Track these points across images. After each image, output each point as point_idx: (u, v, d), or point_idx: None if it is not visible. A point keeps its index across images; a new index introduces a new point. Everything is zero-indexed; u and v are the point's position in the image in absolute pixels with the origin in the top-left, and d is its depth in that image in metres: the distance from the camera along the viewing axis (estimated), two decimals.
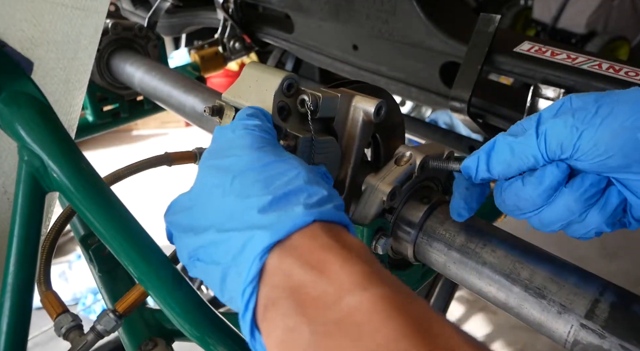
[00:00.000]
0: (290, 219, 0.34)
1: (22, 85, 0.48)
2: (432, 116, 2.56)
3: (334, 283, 0.31)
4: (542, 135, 0.43)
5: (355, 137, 0.54)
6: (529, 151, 0.43)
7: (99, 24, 0.56)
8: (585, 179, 0.43)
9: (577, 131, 0.41)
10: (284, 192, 0.36)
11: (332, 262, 0.32)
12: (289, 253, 0.33)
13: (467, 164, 0.47)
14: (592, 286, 0.43)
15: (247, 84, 0.50)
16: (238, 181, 0.37)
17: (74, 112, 0.59)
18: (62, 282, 2.30)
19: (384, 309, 0.28)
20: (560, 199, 0.43)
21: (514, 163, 0.44)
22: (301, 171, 0.38)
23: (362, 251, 0.34)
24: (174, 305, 0.42)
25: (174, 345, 0.68)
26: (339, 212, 0.37)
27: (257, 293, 0.33)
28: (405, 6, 0.86)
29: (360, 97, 0.53)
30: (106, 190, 0.46)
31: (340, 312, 0.29)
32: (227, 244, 0.35)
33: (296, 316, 0.31)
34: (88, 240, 0.75)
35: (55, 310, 0.50)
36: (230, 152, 0.40)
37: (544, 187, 0.43)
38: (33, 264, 0.45)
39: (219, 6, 1.22)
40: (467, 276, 0.49)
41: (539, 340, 1.94)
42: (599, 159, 0.40)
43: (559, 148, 0.42)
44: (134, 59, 0.97)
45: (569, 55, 0.73)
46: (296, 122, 0.51)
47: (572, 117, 0.41)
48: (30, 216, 0.45)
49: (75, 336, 0.47)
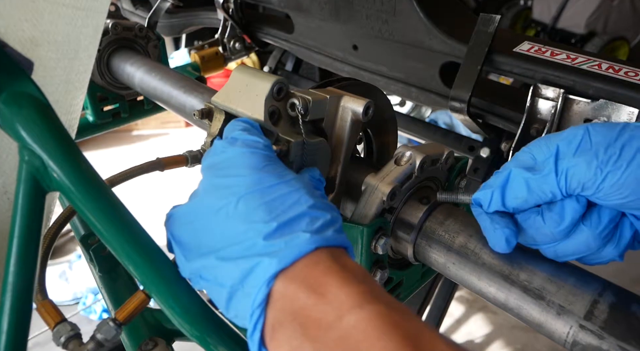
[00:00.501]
0: (295, 247, 0.36)
1: (22, 85, 0.48)
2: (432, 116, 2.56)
3: (334, 304, 0.33)
4: (562, 173, 0.42)
5: (344, 136, 0.55)
6: (547, 188, 0.43)
7: (99, 24, 0.56)
8: (603, 216, 0.43)
9: (602, 173, 0.40)
10: (288, 218, 0.38)
11: (331, 284, 0.34)
12: (294, 279, 0.35)
13: (480, 197, 0.47)
14: (591, 287, 0.43)
15: (237, 89, 0.51)
16: (242, 204, 0.39)
17: (74, 112, 0.59)
18: (63, 282, 2.30)
19: (379, 326, 0.31)
20: (579, 235, 0.43)
21: (531, 199, 0.44)
22: (303, 194, 0.40)
23: (360, 273, 0.37)
24: (174, 304, 0.42)
25: (174, 344, 0.68)
26: (340, 235, 0.39)
27: (265, 316, 0.35)
28: (405, 6, 0.86)
29: (348, 98, 0.54)
30: (106, 190, 0.46)
31: (340, 331, 0.32)
32: (233, 269, 0.37)
33: (300, 337, 0.33)
34: (88, 240, 0.75)
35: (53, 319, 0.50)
36: (233, 171, 0.42)
37: (565, 224, 0.43)
38: (33, 264, 0.45)
39: (219, 6, 1.22)
40: (467, 276, 0.49)
41: (539, 340, 1.94)
42: (619, 199, 0.40)
43: (580, 187, 0.42)
44: (134, 59, 0.97)
45: (569, 55, 0.73)
46: (287, 125, 0.52)
47: (595, 158, 0.41)
48: (31, 216, 0.45)
49: (75, 346, 0.47)
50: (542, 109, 0.72)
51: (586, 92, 0.68)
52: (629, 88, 0.65)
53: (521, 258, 0.46)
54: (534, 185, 0.44)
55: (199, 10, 1.37)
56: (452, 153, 0.56)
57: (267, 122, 0.49)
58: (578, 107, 0.69)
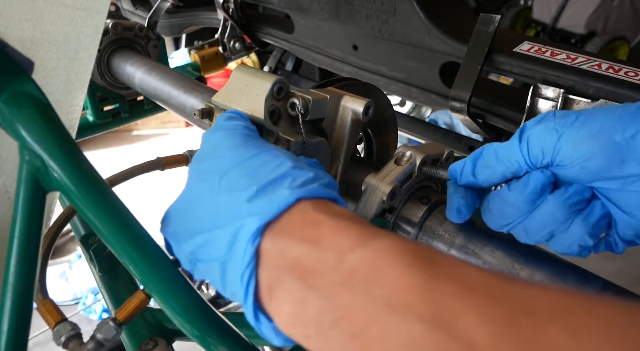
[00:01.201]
0: (276, 201, 0.35)
1: (22, 85, 0.48)
2: (432, 116, 2.56)
3: (331, 249, 0.31)
4: (524, 140, 0.44)
5: (344, 136, 0.55)
6: (512, 156, 0.44)
7: (99, 24, 0.56)
8: (569, 188, 0.43)
9: (557, 133, 0.41)
10: (269, 180, 0.37)
11: (324, 232, 0.33)
12: (281, 233, 0.34)
13: (454, 167, 0.48)
14: (590, 286, 0.43)
15: (237, 88, 0.51)
16: (225, 179, 0.38)
17: (74, 112, 0.59)
18: (63, 282, 2.30)
19: (386, 256, 0.29)
20: (545, 205, 0.44)
21: (498, 168, 0.45)
22: (285, 159, 0.39)
23: (353, 216, 0.35)
24: (175, 304, 0.42)
25: (174, 344, 0.68)
26: (326, 188, 0.38)
27: (258, 277, 0.34)
28: (405, 6, 0.86)
29: (348, 97, 0.54)
30: (107, 190, 0.46)
31: (344, 273, 0.30)
32: (221, 238, 0.36)
33: (301, 288, 0.31)
34: (88, 240, 0.75)
35: (53, 319, 0.50)
36: (215, 153, 0.41)
37: (529, 190, 0.44)
38: (34, 264, 0.45)
39: (219, 6, 1.22)
40: None
41: None
42: (579, 161, 0.41)
43: (541, 152, 0.43)
44: (135, 59, 0.97)
45: (569, 55, 0.73)
46: (287, 125, 0.52)
47: (552, 122, 0.42)
48: (31, 216, 0.45)
49: (75, 346, 0.47)
50: (542, 109, 0.72)
51: (586, 92, 0.68)
52: (629, 88, 0.65)
53: (521, 258, 0.46)
54: (501, 153, 0.45)
55: (199, 10, 1.37)
56: (452, 153, 0.56)
57: (267, 121, 0.49)
58: (578, 107, 0.69)
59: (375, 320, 0.27)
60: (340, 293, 0.29)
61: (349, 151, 0.56)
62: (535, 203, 0.44)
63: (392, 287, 0.27)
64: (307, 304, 0.31)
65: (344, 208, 0.37)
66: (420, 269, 0.28)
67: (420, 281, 0.27)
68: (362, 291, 0.28)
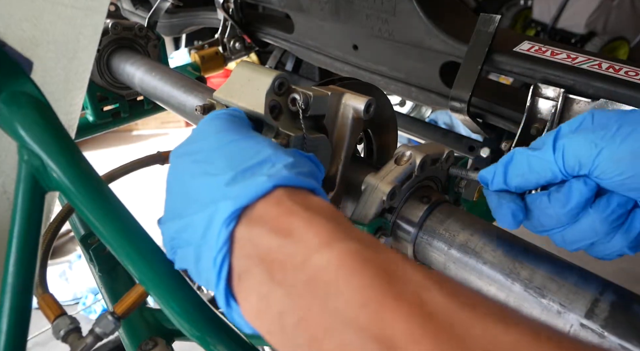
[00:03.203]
0: (252, 187, 0.34)
1: (21, 85, 0.48)
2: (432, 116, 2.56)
3: (300, 245, 0.31)
4: (559, 149, 0.42)
5: (345, 134, 0.55)
6: (546, 166, 0.43)
7: (99, 24, 0.56)
8: (611, 200, 0.42)
9: (597, 147, 0.40)
10: (248, 165, 0.36)
11: (296, 225, 0.32)
12: (256, 221, 0.33)
13: (484, 174, 0.47)
14: (591, 286, 0.43)
15: (238, 84, 0.51)
16: (204, 163, 0.38)
17: (74, 112, 0.59)
18: (63, 282, 2.30)
19: (350, 263, 0.29)
20: (586, 219, 0.43)
21: (532, 177, 0.44)
22: (266, 145, 0.38)
23: (328, 211, 0.34)
24: (174, 304, 0.42)
25: (174, 344, 0.68)
26: (304, 177, 0.37)
27: (231, 264, 0.33)
28: (405, 6, 0.86)
29: (349, 95, 0.54)
30: (106, 190, 0.46)
31: (308, 272, 0.30)
32: (197, 223, 0.35)
33: (268, 282, 0.31)
34: (88, 240, 0.75)
35: (53, 313, 0.51)
36: (198, 137, 0.41)
37: (571, 205, 0.43)
38: (33, 264, 0.45)
39: (219, 6, 1.22)
40: (467, 275, 0.49)
41: None
42: (619, 178, 0.40)
43: (577, 164, 0.41)
44: (134, 59, 0.97)
45: (569, 55, 0.73)
46: (287, 121, 0.52)
47: (592, 133, 0.40)
48: (30, 216, 0.45)
49: (74, 339, 0.47)
50: (542, 109, 0.72)
51: (586, 91, 0.68)
52: (630, 88, 0.65)
53: (522, 256, 0.46)
54: (534, 162, 0.44)
55: (199, 10, 1.37)
56: (452, 153, 0.56)
57: (268, 116, 0.49)
58: (578, 107, 0.69)
59: (331, 333, 0.27)
60: (303, 294, 0.29)
61: (349, 149, 0.56)
62: (576, 217, 0.43)
63: (351, 300, 0.27)
64: (271, 299, 0.31)
65: (322, 200, 0.36)
66: (382, 284, 0.27)
67: (379, 299, 0.26)
68: (323, 297, 0.28)
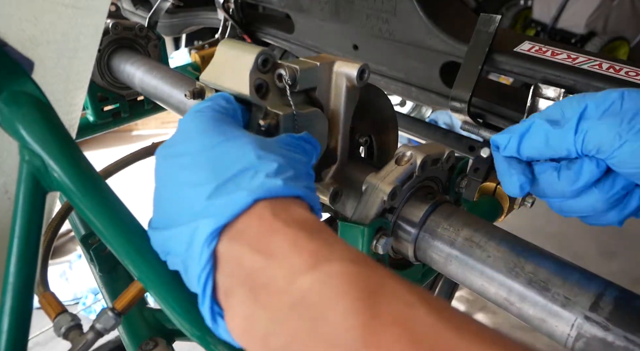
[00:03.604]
0: (232, 203, 0.33)
1: (22, 84, 0.48)
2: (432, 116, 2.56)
3: (284, 266, 0.31)
4: (581, 133, 0.42)
5: (340, 104, 0.52)
6: (564, 145, 0.43)
7: (99, 24, 0.56)
8: (616, 183, 0.43)
9: (620, 139, 0.40)
10: (230, 174, 0.35)
11: (279, 245, 0.32)
12: (238, 238, 0.33)
13: (498, 139, 0.48)
14: (594, 283, 0.43)
15: (222, 64, 0.48)
16: (188, 169, 0.37)
17: (74, 112, 0.59)
18: (63, 282, 2.30)
19: (334, 286, 0.28)
20: (589, 196, 0.44)
21: (546, 152, 0.45)
22: (249, 149, 0.37)
23: (311, 225, 0.34)
24: (175, 304, 0.42)
25: (174, 344, 0.68)
26: (289, 184, 0.36)
27: (216, 280, 0.33)
28: (405, 6, 0.86)
29: (341, 63, 0.51)
30: (107, 190, 0.46)
31: (293, 296, 0.29)
32: (181, 236, 0.35)
33: (252, 303, 0.31)
34: (89, 240, 0.75)
35: (54, 310, 0.51)
36: (182, 137, 0.40)
37: (579, 184, 0.44)
38: (34, 264, 0.45)
39: (219, 6, 1.22)
40: (468, 275, 0.49)
41: (539, 340, 1.93)
42: (635, 168, 0.40)
43: (596, 149, 0.42)
44: (135, 59, 0.97)
45: (569, 55, 0.73)
46: (276, 98, 0.49)
47: (619, 124, 0.40)
48: (31, 216, 0.45)
49: (75, 336, 0.47)
50: (542, 109, 0.72)
51: (587, 91, 0.68)
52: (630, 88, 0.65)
53: (525, 254, 0.46)
54: (552, 139, 0.44)
55: (199, 10, 1.37)
56: (453, 153, 0.56)
57: (254, 96, 0.47)
58: None
59: None
60: (288, 318, 0.29)
61: (347, 120, 0.54)
62: (580, 193, 0.44)
63: (337, 324, 0.27)
64: (257, 321, 0.30)
65: (305, 211, 0.35)
66: (366, 307, 0.27)
67: (364, 322, 0.26)
68: (309, 322, 0.28)
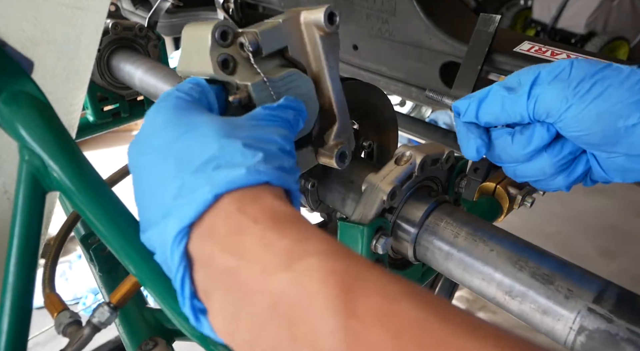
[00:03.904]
0: (194, 201, 0.32)
1: (22, 84, 0.48)
2: (432, 116, 2.56)
3: (257, 266, 0.29)
4: (533, 98, 0.45)
5: (320, 57, 0.49)
6: (517, 110, 0.46)
7: (99, 24, 0.56)
8: (565, 147, 0.47)
9: (567, 103, 0.43)
10: (193, 168, 0.34)
11: (249, 244, 0.30)
12: (207, 237, 0.32)
13: (458, 105, 0.51)
14: (591, 286, 0.43)
15: (188, 48, 0.46)
16: (155, 167, 0.35)
17: (74, 112, 0.59)
18: (63, 282, 2.30)
19: (311, 284, 0.27)
20: (538, 160, 0.48)
21: (502, 117, 0.48)
22: (211, 138, 0.35)
23: (282, 217, 0.32)
24: (174, 304, 0.42)
25: (174, 344, 0.68)
26: (251, 173, 0.33)
27: (194, 278, 0.32)
28: (405, 6, 0.86)
29: (306, 12, 0.48)
30: (107, 190, 0.46)
31: (270, 297, 0.28)
32: (156, 236, 0.34)
33: (231, 305, 0.30)
34: (88, 240, 0.75)
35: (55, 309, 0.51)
36: (148, 132, 0.38)
37: (530, 148, 0.47)
38: (33, 264, 0.45)
39: (219, 6, 1.22)
40: (468, 274, 0.49)
41: (539, 340, 1.93)
42: (578, 133, 0.44)
43: (545, 114, 0.45)
44: (134, 59, 0.97)
45: (569, 55, 0.73)
46: (247, 71, 0.46)
47: (566, 88, 0.43)
48: (31, 216, 0.45)
49: (73, 331, 0.48)
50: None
51: None
52: None
53: (527, 253, 0.46)
54: (507, 104, 0.47)
55: (199, 10, 1.37)
56: (453, 153, 0.56)
57: (219, 73, 0.44)
58: None
59: None
60: (269, 322, 0.28)
61: (334, 74, 0.50)
62: (531, 157, 0.48)
63: (317, 329, 0.26)
64: (238, 325, 0.30)
65: (274, 200, 0.33)
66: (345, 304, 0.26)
67: (344, 324, 0.25)
68: (290, 325, 0.27)
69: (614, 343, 0.38)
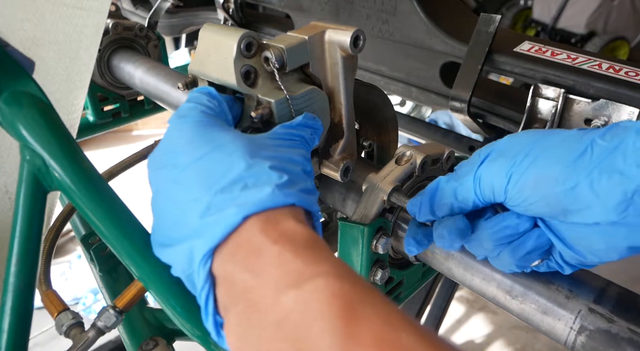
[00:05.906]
0: (222, 222, 0.33)
1: (23, 84, 0.48)
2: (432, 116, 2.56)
3: (270, 285, 0.31)
4: (477, 179, 0.42)
5: (338, 76, 0.49)
6: (469, 197, 0.43)
7: (100, 24, 0.56)
8: (504, 219, 0.42)
9: (506, 176, 0.39)
10: (220, 187, 0.34)
11: (265, 264, 0.32)
12: (229, 257, 0.33)
13: (410, 207, 0.47)
14: (591, 286, 0.43)
15: (207, 51, 0.46)
16: (179, 184, 0.36)
17: (75, 112, 0.59)
18: (63, 282, 2.30)
19: (316, 303, 0.28)
20: (478, 232, 0.43)
21: (456, 208, 0.44)
22: (237, 157, 0.36)
23: (300, 239, 0.33)
24: (175, 304, 0.42)
25: (174, 344, 0.68)
26: (277, 196, 0.34)
27: (217, 296, 0.34)
28: (405, 6, 0.86)
29: (332, 31, 0.47)
30: (107, 189, 0.46)
31: (278, 314, 0.29)
32: (181, 253, 0.35)
33: (244, 323, 0.31)
34: (89, 239, 0.75)
35: (56, 309, 0.51)
36: (170, 146, 0.39)
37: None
38: (35, 264, 0.45)
39: (219, 6, 1.22)
40: (468, 273, 0.49)
41: (539, 340, 1.94)
42: (524, 205, 0.39)
43: (491, 192, 0.41)
44: (135, 59, 0.97)
45: (569, 55, 0.73)
46: (268, 83, 0.46)
47: (507, 161, 0.40)
48: (32, 216, 0.45)
49: (77, 334, 0.48)
50: (542, 109, 0.72)
51: (587, 92, 0.68)
52: (630, 88, 0.65)
53: None
54: (460, 195, 0.43)
55: (199, 10, 1.37)
56: (453, 153, 0.56)
57: (242, 85, 0.44)
58: (578, 107, 0.69)
59: None
60: (274, 337, 0.29)
61: (348, 92, 0.51)
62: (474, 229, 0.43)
63: (317, 346, 0.27)
64: (248, 341, 0.31)
65: (295, 223, 0.34)
66: (345, 327, 0.27)
67: (343, 345, 0.26)
68: (293, 342, 0.28)
69: (614, 343, 0.38)
